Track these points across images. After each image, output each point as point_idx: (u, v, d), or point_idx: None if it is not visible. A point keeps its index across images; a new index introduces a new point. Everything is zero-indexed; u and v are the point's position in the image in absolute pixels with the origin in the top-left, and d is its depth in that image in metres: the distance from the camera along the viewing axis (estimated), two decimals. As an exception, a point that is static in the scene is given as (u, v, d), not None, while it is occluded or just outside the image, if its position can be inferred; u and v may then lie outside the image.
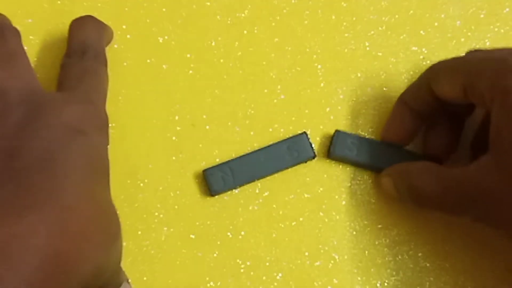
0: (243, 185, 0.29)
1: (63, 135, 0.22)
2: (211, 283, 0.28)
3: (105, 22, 0.30)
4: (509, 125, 0.22)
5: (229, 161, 0.29)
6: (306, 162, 0.30)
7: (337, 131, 0.29)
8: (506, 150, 0.22)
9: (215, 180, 0.29)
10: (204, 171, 0.29)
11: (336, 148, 0.29)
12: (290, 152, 0.29)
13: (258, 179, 0.29)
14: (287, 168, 0.29)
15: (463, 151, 0.30)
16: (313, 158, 0.29)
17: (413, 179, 0.26)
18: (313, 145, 0.29)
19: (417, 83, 0.28)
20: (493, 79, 0.23)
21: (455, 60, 0.26)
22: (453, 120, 0.29)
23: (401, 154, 0.29)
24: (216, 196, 0.29)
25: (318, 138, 0.31)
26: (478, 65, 0.24)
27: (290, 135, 0.30)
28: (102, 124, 0.25)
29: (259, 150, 0.29)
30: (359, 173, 0.30)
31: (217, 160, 0.30)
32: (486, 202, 0.23)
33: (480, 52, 0.27)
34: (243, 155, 0.29)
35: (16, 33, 0.27)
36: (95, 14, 0.30)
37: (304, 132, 0.30)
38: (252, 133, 0.30)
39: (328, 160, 0.30)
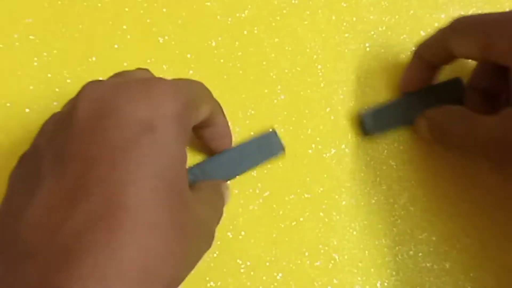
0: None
1: (130, 135, 0.19)
2: (211, 283, 0.28)
3: (105, 22, 0.30)
4: None
5: (199, 163, 0.29)
6: (276, 158, 0.30)
7: (363, 113, 0.30)
8: None
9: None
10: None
11: (369, 128, 0.30)
12: (261, 150, 0.29)
13: (232, 178, 0.29)
14: (258, 166, 0.30)
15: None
16: (283, 153, 0.30)
17: (446, 117, 0.28)
18: (282, 142, 0.30)
19: (434, 39, 0.29)
20: None
21: (474, 20, 0.27)
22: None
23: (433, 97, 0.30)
24: (216, 196, 0.29)
25: (318, 138, 0.31)
26: (499, 26, 0.25)
27: (291, 136, 0.30)
28: (179, 110, 0.20)
29: (230, 150, 0.29)
30: (359, 173, 0.30)
31: (217, 160, 0.30)
32: (503, 148, 0.24)
33: (498, 14, 0.27)
34: (214, 157, 0.29)
35: None
36: (95, 14, 0.30)
37: (274, 131, 0.30)
38: (252, 133, 0.30)
39: (327, 161, 0.30)
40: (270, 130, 0.30)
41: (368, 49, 0.32)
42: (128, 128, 0.18)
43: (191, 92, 0.22)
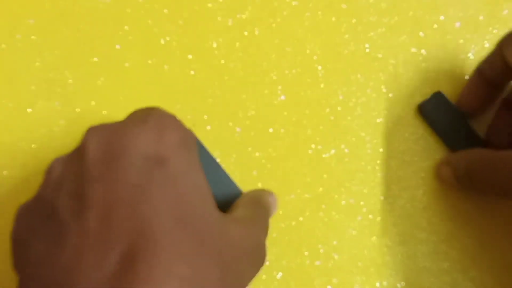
0: None
1: (143, 172, 0.19)
2: (211, 283, 0.28)
3: (106, 23, 0.30)
4: None
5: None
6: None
7: (437, 92, 0.31)
8: None
9: None
10: None
11: (428, 104, 0.31)
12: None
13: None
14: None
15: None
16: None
17: (470, 163, 0.28)
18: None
19: (491, 52, 0.29)
20: None
21: None
22: None
23: (474, 137, 0.31)
24: (217, 196, 0.29)
25: (318, 139, 0.31)
26: None
27: (291, 136, 0.30)
28: (183, 138, 0.21)
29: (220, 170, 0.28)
30: (358, 173, 0.30)
31: (218, 160, 0.30)
32: None
33: None
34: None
35: None
36: (96, 15, 0.30)
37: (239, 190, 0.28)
38: (252, 133, 0.31)
39: (327, 161, 0.31)
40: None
41: (367, 50, 0.32)
42: (138, 165, 0.19)
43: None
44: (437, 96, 0.31)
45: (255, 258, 0.23)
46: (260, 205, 0.26)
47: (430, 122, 0.31)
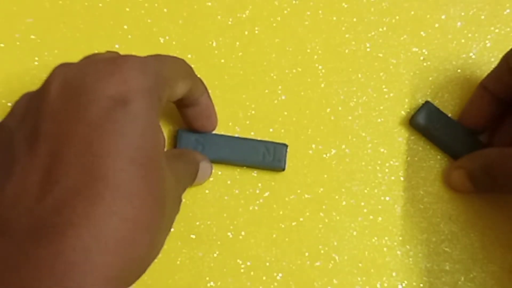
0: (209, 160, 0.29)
1: (103, 110, 0.19)
2: (211, 283, 0.28)
3: (106, 22, 0.30)
4: None
5: (206, 133, 0.29)
6: (273, 169, 0.30)
7: (426, 101, 0.31)
8: None
9: (186, 144, 0.29)
10: (179, 130, 0.29)
11: (419, 116, 0.30)
12: (265, 154, 0.29)
13: (225, 163, 0.29)
14: (253, 166, 0.30)
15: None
16: (283, 170, 0.30)
17: (488, 161, 0.27)
18: (287, 159, 0.30)
19: (497, 65, 0.29)
20: None
21: None
22: None
23: (475, 142, 0.30)
24: (217, 196, 0.29)
25: (318, 139, 0.31)
26: None
27: (291, 136, 0.30)
28: (150, 84, 0.20)
29: (239, 138, 0.30)
30: (359, 174, 0.30)
31: (218, 160, 0.30)
32: None
33: None
34: (223, 135, 0.30)
35: None
36: (96, 14, 0.30)
37: (286, 145, 0.30)
38: (252, 133, 0.30)
39: (327, 161, 0.30)
40: (285, 143, 0.30)
41: (368, 49, 0.32)
42: (100, 104, 0.19)
43: (164, 68, 0.22)
44: (427, 107, 0.30)
45: (177, 207, 0.24)
46: (191, 164, 0.27)
47: (425, 133, 0.31)
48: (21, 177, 0.18)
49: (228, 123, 0.30)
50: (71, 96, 0.19)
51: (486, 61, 0.32)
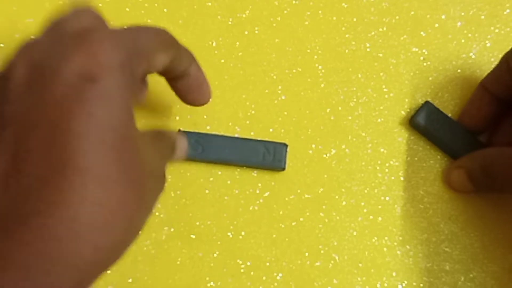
0: (209, 160, 0.29)
1: (70, 89, 0.17)
2: (211, 283, 0.28)
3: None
4: None
5: (206, 134, 0.29)
6: (273, 169, 0.30)
7: (426, 102, 0.31)
8: None
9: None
10: (179, 130, 0.29)
11: (419, 116, 0.30)
12: (265, 154, 0.29)
13: (225, 163, 0.29)
14: (254, 166, 0.30)
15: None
16: (283, 170, 0.30)
17: (488, 160, 0.27)
18: (287, 159, 0.30)
19: (497, 66, 0.29)
20: None
21: None
22: None
23: (475, 142, 0.30)
24: (216, 196, 0.29)
25: (318, 139, 0.31)
26: None
27: (291, 136, 0.30)
28: (121, 59, 0.19)
29: (239, 138, 0.30)
30: (359, 174, 0.30)
31: (218, 160, 0.30)
32: None
33: None
34: (223, 136, 0.30)
35: None
36: (96, 14, 0.30)
37: (286, 145, 0.30)
38: (252, 133, 0.30)
39: (327, 161, 0.30)
40: (285, 143, 0.30)
41: (368, 49, 0.32)
42: (65, 82, 0.17)
43: (139, 40, 0.21)
44: (427, 107, 0.30)
45: (160, 183, 0.23)
46: (166, 141, 0.26)
47: (425, 133, 0.31)
48: None
49: (228, 123, 0.30)
50: (36, 78, 0.18)
51: (486, 61, 0.32)
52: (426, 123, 0.30)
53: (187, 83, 0.26)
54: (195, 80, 0.26)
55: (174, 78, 0.25)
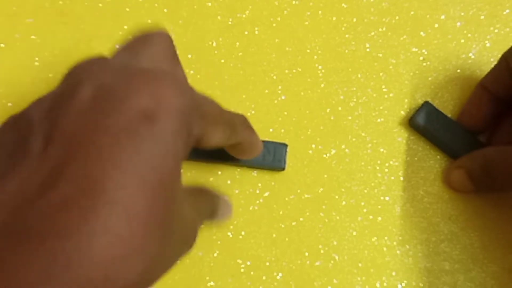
0: (206, 161, 0.29)
1: (128, 121, 0.17)
2: (211, 283, 0.28)
3: (106, 22, 0.30)
4: None
5: None
6: (274, 169, 0.30)
7: (425, 102, 0.31)
8: None
9: None
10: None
11: (418, 116, 0.30)
12: (265, 154, 0.29)
13: (226, 163, 0.29)
14: (254, 166, 0.30)
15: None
16: (283, 170, 0.30)
17: (488, 160, 0.27)
18: (287, 159, 0.30)
19: (496, 65, 0.29)
20: None
21: None
22: None
23: (474, 142, 0.30)
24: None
25: (318, 139, 0.31)
26: None
27: (291, 136, 0.30)
28: (177, 106, 0.19)
29: None
30: (359, 174, 0.30)
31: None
32: None
33: None
34: None
35: None
36: (96, 14, 0.30)
37: (286, 145, 0.30)
38: (252, 133, 0.30)
39: (327, 161, 0.30)
40: (285, 143, 0.30)
41: (368, 49, 0.32)
42: (125, 114, 0.17)
43: (204, 105, 0.21)
44: (426, 107, 0.31)
45: (190, 243, 0.22)
46: (210, 201, 0.26)
47: (424, 134, 0.31)
48: (25, 173, 0.17)
49: (228, 123, 0.30)
50: (100, 102, 0.18)
51: (486, 61, 0.32)
52: (425, 123, 0.30)
53: (239, 149, 0.26)
54: (247, 145, 0.26)
55: (228, 147, 0.26)
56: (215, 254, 0.29)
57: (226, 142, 0.24)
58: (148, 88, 0.18)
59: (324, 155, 0.31)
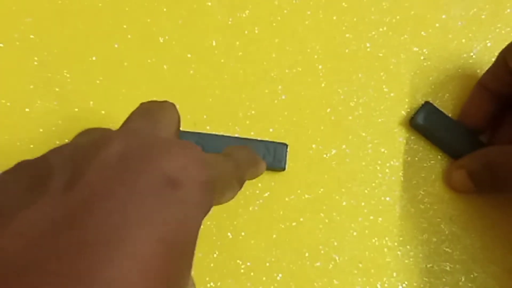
0: None
1: (152, 184, 0.18)
2: (211, 283, 0.28)
3: (105, 22, 0.30)
4: None
5: (206, 134, 0.29)
6: (274, 169, 0.30)
7: (426, 102, 0.30)
8: None
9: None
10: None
11: (419, 116, 0.30)
12: (265, 154, 0.29)
13: None
14: None
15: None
16: (283, 170, 0.30)
17: (490, 159, 0.27)
18: (287, 159, 0.30)
19: (494, 63, 0.29)
20: None
21: None
22: None
23: (476, 142, 0.30)
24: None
25: (319, 139, 0.31)
26: None
27: (291, 136, 0.30)
28: (201, 177, 0.20)
29: (239, 138, 0.30)
30: (359, 174, 0.30)
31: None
32: None
33: None
34: (223, 135, 0.30)
35: None
36: (95, 14, 0.30)
37: (286, 145, 0.30)
38: (252, 133, 0.30)
39: (327, 161, 0.30)
40: (285, 143, 0.30)
41: (369, 49, 0.32)
42: (151, 176, 0.18)
43: (217, 167, 0.22)
44: (427, 106, 0.30)
45: None
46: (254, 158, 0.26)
47: (425, 134, 0.31)
48: (42, 210, 0.17)
49: (228, 123, 0.30)
50: (127, 160, 0.19)
51: (487, 60, 0.32)
52: (426, 123, 0.30)
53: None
54: (253, 177, 0.27)
55: None
56: (215, 255, 0.29)
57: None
58: (175, 157, 0.19)
59: (325, 155, 0.30)
